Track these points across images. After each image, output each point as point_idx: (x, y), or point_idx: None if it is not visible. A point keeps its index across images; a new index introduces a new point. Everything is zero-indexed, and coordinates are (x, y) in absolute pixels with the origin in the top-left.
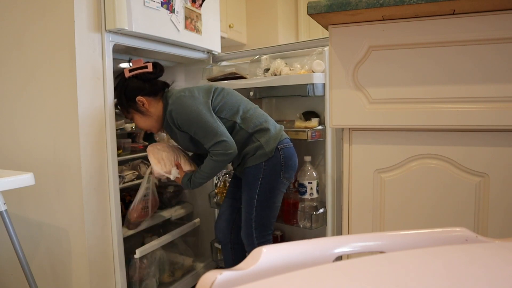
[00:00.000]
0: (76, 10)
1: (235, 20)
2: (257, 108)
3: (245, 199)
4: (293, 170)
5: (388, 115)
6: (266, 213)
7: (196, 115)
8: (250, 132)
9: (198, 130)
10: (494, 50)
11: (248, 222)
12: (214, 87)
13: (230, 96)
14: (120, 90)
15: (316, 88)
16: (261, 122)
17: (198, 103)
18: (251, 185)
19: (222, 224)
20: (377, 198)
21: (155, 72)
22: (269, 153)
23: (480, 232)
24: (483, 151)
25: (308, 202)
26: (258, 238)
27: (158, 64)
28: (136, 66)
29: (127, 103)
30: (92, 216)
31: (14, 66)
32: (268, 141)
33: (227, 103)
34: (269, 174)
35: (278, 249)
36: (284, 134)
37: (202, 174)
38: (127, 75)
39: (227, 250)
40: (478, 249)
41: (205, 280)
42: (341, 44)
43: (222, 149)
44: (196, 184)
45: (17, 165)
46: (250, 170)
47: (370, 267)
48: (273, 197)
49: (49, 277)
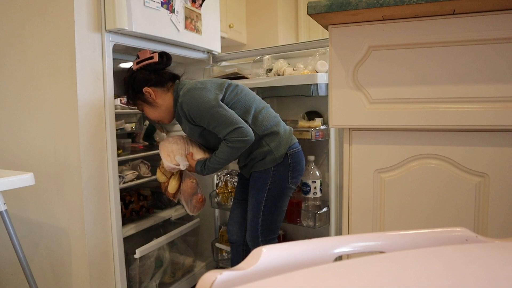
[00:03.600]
0: (76, 10)
1: (235, 20)
2: (269, 108)
3: (252, 202)
4: (300, 175)
5: (388, 115)
6: (272, 218)
7: (208, 106)
8: (260, 134)
9: (212, 121)
10: (494, 50)
11: (254, 225)
12: (228, 82)
13: (243, 94)
14: (128, 82)
15: (320, 88)
16: (272, 125)
17: (210, 94)
18: (259, 190)
19: (235, 226)
20: (377, 198)
21: (161, 62)
22: (278, 159)
23: (480, 232)
24: (483, 151)
25: (312, 201)
26: (263, 241)
27: (165, 54)
28: (143, 58)
29: (135, 95)
30: (92, 216)
31: (14, 66)
32: (278, 146)
33: (240, 101)
34: (278, 179)
35: (278, 249)
36: (294, 138)
37: (217, 159)
38: (134, 67)
39: (238, 251)
40: (478, 249)
41: (205, 280)
42: (341, 44)
43: (239, 135)
44: (210, 169)
45: (17, 165)
46: (259, 174)
47: (370, 267)
48: (280, 201)
49: (49, 277)
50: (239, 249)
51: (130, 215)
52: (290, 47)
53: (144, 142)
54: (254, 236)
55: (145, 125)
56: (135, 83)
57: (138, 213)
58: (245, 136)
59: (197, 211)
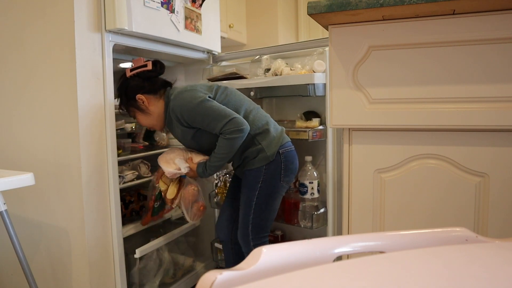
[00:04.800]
0: (76, 10)
1: (235, 20)
2: (259, 108)
3: (244, 200)
4: (293, 174)
5: (388, 115)
6: (263, 216)
7: (198, 103)
8: (251, 134)
9: (205, 117)
10: (494, 50)
11: (245, 223)
12: (216, 86)
13: (232, 96)
14: (121, 89)
15: (317, 88)
16: (263, 124)
17: (199, 93)
18: (251, 188)
19: (223, 224)
20: (377, 198)
21: (155, 70)
22: (270, 157)
23: (480, 232)
24: (483, 151)
25: (309, 202)
26: (254, 239)
27: (158, 62)
28: (137, 65)
29: (128, 102)
30: (92, 216)
31: (14, 66)
32: (269, 144)
33: (230, 103)
34: (270, 177)
35: (278, 249)
36: (286, 137)
37: (218, 156)
38: (128, 74)
39: (228, 249)
40: (478, 249)
41: (205, 280)
42: (341, 44)
43: (235, 126)
44: (212, 169)
45: (17, 165)
46: (251, 172)
47: (370, 267)
48: (272, 200)
49: (49, 277)
50: (228, 247)
51: (130, 215)
52: (289, 47)
53: (144, 142)
54: (245, 234)
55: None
56: (128, 89)
57: (138, 213)
58: (241, 125)
59: (197, 219)
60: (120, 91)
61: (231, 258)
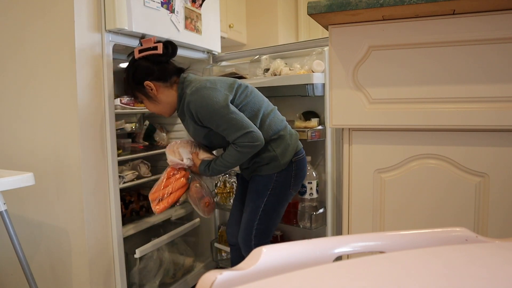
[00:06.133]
0: (76, 10)
1: (235, 20)
2: (276, 111)
3: (250, 206)
4: (302, 181)
5: (388, 115)
6: (269, 222)
7: (217, 108)
8: (266, 139)
9: (222, 123)
10: (494, 50)
11: (249, 228)
12: (237, 83)
13: (253, 96)
14: (128, 71)
15: (316, 88)
16: (279, 129)
17: (220, 95)
18: (259, 194)
19: (234, 228)
20: (377, 198)
21: (166, 54)
22: (283, 165)
23: (480, 232)
24: (483, 151)
25: (308, 202)
26: (256, 244)
27: (170, 44)
28: (146, 47)
29: (135, 87)
30: (92, 216)
31: (14, 66)
32: (283, 152)
33: (250, 103)
34: (280, 186)
35: (278, 249)
36: (300, 143)
37: (224, 162)
38: (136, 55)
39: (237, 252)
40: (478, 249)
41: (205, 280)
42: (341, 44)
43: (249, 140)
44: (214, 171)
45: (17, 165)
46: (261, 179)
47: (370, 267)
48: (280, 207)
49: (49, 277)
50: (239, 252)
51: (130, 215)
52: (289, 47)
53: (144, 142)
54: (247, 239)
55: (145, 125)
56: (136, 73)
57: (138, 213)
58: (256, 141)
59: (209, 214)
60: (127, 74)
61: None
